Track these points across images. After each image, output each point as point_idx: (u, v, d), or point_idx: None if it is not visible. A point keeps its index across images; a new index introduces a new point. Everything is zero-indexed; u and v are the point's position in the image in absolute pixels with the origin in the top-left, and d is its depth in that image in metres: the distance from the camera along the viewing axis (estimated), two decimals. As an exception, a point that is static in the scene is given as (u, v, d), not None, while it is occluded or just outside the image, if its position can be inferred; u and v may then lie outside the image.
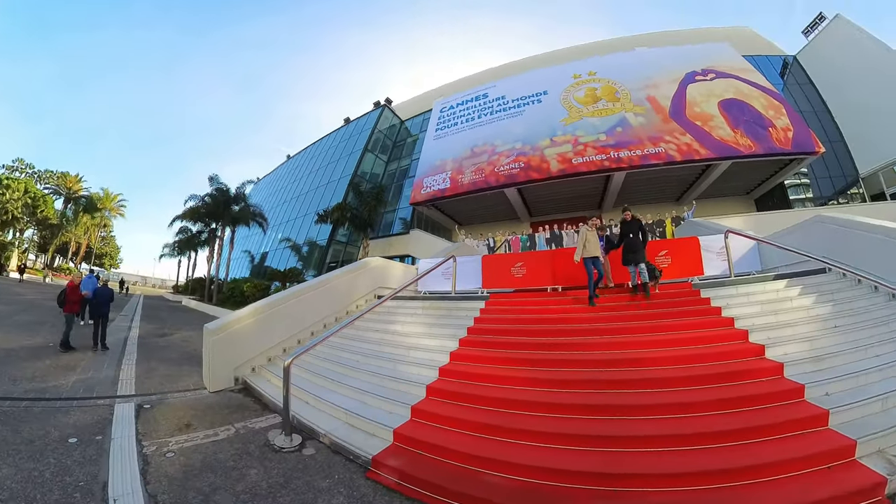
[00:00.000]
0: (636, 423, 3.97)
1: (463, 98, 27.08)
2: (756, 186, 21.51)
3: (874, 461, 3.21)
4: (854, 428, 3.53)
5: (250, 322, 7.39)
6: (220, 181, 28.27)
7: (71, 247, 56.01)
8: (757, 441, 3.56)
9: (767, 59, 26.34)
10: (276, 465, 3.94)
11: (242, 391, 6.60)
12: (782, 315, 5.86)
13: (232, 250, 30.30)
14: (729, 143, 17.63)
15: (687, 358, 4.97)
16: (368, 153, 32.13)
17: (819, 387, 4.14)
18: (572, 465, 3.49)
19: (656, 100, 20.15)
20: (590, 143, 19.31)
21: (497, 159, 21.49)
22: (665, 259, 9.14)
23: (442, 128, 26.40)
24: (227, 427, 4.90)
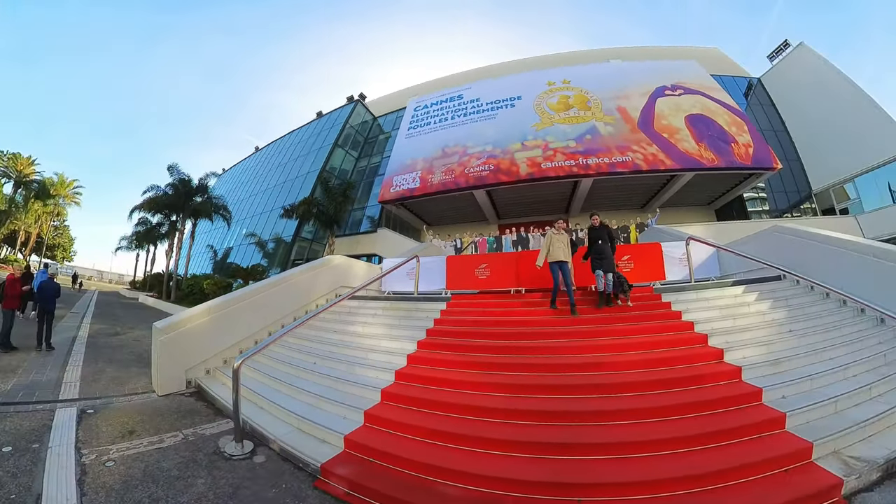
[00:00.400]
0: (595, 429, 3.82)
1: (438, 98, 26.93)
2: (717, 197, 22.49)
3: (830, 462, 3.21)
4: (810, 430, 3.52)
5: (204, 321, 6.89)
6: (181, 171, 26.68)
7: (20, 236, 50.59)
8: (717, 446, 3.48)
9: (733, 79, 27.51)
10: (224, 473, 3.66)
11: (194, 395, 6.13)
12: (740, 320, 5.87)
13: (192, 244, 28.86)
14: (693, 155, 18.23)
15: (647, 362, 4.86)
16: (339, 148, 31.41)
17: (776, 390, 4.11)
18: (530, 474, 3.30)
19: (626, 111, 20.59)
20: (559, 149, 19.55)
21: (468, 161, 21.42)
22: (628, 264, 9.17)
23: (415, 127, 26.16)
24: (174, 433, 4.56)
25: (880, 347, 5.04)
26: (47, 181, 50.20)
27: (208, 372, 6.68)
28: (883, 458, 3.19)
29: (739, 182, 20.39)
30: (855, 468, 3.10)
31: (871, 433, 3.56)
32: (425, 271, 10.65)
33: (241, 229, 33.59)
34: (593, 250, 7.25)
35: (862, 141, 20.98)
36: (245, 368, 6.03)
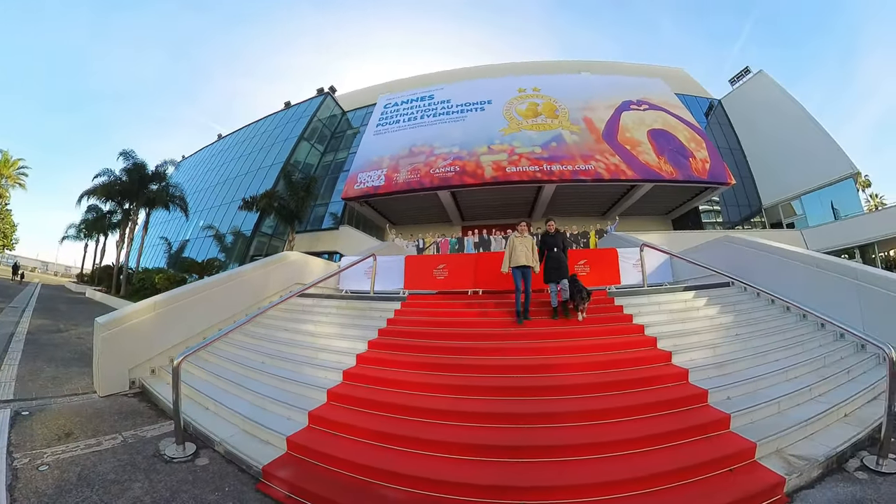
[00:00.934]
0: (543, 431, 3.72)
1: (409, 96, 26.69)
2: (674, 208, 23.49)
3: (773, 461, 3.25)
4: (754, 430, 3.55)
5: (150, 317, 6.39)
6: (136, 157, 24.65)
7: None
8: (664, 447, 3.45)
9: (696, 99, 28.93)
10: (163, 477, 3.49)
11: (138, 395, 5.71)
12: (689, 323, 5.94)
13: (146, 235, 27.03)
14: (653, 167, 18.84)
15: (597, 364, 4.82)
16: (305, 141, 30.49)
17: (721, 391, 4.12)
18: (473, 477, 3.18)
19: (592, 121, 21.04)
20: (525, 155, 19.73)
21: (434, 161, 21.27)
22: (584, 268, 9.19)
23: (384, 124, 25.81)
24: (113, 436, 4.30)
25: (821, 350, 5.20)
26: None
27: (153, 371, 6.17)
28: (823, 456, 3.25)
29: (695, 195, 21.31)
30: (796, 466, 3.14)
31: (811, 432, 3.62)
32: (383, 270, 10.42)
33: (200, 221, 31.77)
34: (547, 258, 6.80)
35: (809, 162, 22.84)
36: (192, 368, 5.79)
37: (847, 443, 3.43)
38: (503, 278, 7.76)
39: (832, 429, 3.68)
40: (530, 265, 6.58)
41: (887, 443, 3.25)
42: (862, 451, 3.44)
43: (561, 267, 6.59)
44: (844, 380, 4.54)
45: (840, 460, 3.31)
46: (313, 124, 31.49)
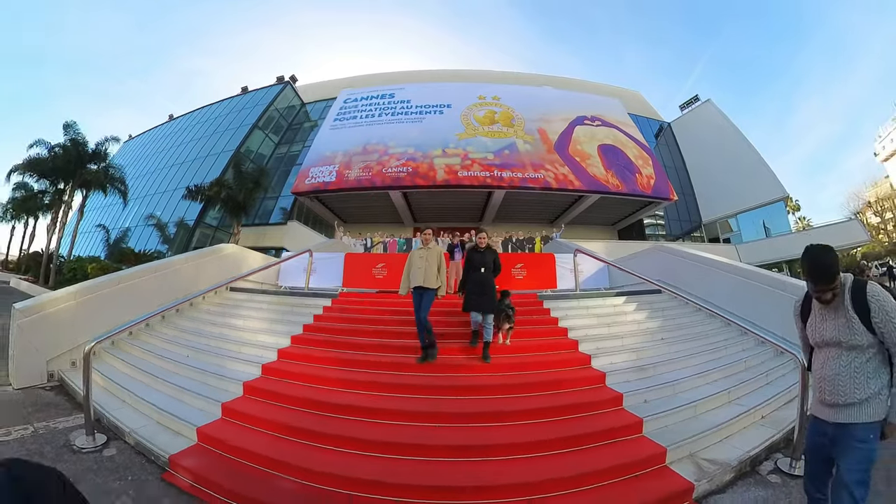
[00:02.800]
0: (452, 430, 3.56)
1: (370, 93, 26.28)
2: (620, 220, 24.65)
3: (684, 466, 3.18)
4: (667, 434, 3.49)
5: (72, 305, 5.91)
6: (78, 130, 22.17)
7: None
8: (573, 450, 3.35)
9: (648, 120, 30.64)
10: (68, 466, 3.45)
11: (56, 388, 5.38)
12: (615, 327, 5.89)
13: (81, 220, 24.65)
14: (600, 179, 19.55)
15: (516, 366, 4.73)
16: (259, 130, 29.04)
17: (638, 395, 4.05)
18: (372, 473, 3.09)
19: (546, 132, 21.51)
20: (478, 160, 19.91)
21: (387, 160, 20.97)
22: (521, 271, 9.15)
23: (341, 118, 25.26)
24: (24, 427, 4.21)
25: (742, 354, 5.30)
26: None
27: (74, 364, 5.63)
28: (736, 460, 3.20)
29: (640, 208, 22.40)
30: (707, 471, 3.08)
31: (727, 435, 3.59)
32: (322, 267, 10.19)
33: (143, 208, 29.11)
34: (471, 280, 5.38)
35: (746, 185, 24.97)
36: (113, 360, 5.46)
37: (762, 445, 3.40)
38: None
39: (748, 431, 3.67)
40: (429, 286, 5.13)
41: (800, 444, 3.18)
42: (776, 453, 3.43)
43: (485, 293, 5.17)
44: (763, 383, 4.57)
45: (754, 463, 3.26)
46: (270, 113, 30.17)
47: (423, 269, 5.20)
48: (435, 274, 5.23)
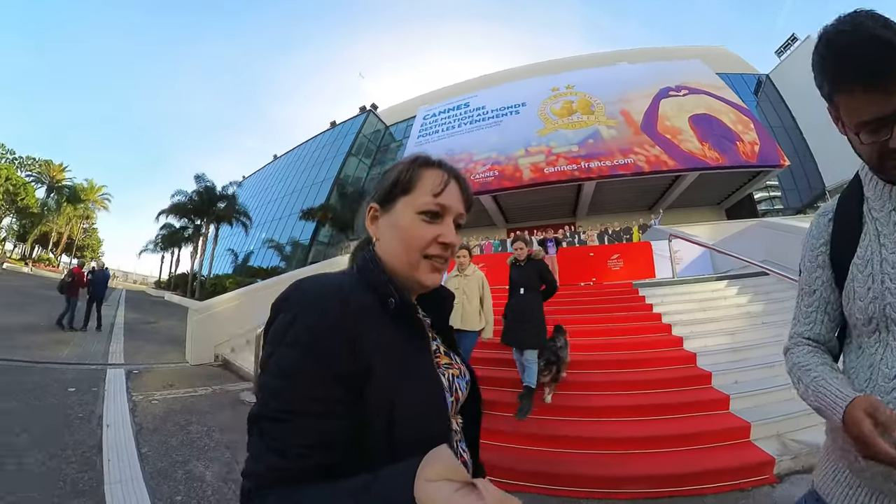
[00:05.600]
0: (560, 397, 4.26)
1: (445, 106, 27.38)
2: (726, 197, 22.10)
3: (769, 444, 3.34)
4: (754, 413, 3.67)
5: (231, 306, 8.15)
6: (207, 179, 27.82)
7: (52, 237, 53.34)
8: (657, 418, 3.78)
9: (741, 76, 27.17)
10: (244, 411, 4.43)
11: (221, 366, 7.25)
12: (712, 311, 6.06)
13: (216, 246, 29.87)
14: (696, 155, 18.18)
15: (611, 345, 5.29)
16: (352, 157, 32.32)
17: (728, 374, 4.31)
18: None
19: (629, 114, 20.63)
20: (562, 154, 19.73)
21: (473, 168, 21.74)
22: (617, 262, 9.37)
23: (424, 135, 26.69)
24: (205, 387, 5.71)
25: None
26: (78, 187, 53.38)
27: (233, 350, 7.66)
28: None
29: (748, 181, 20.09)
30: (792, 449, 3.25)
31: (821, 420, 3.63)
32: None
33: (261, 234, 34.13)
34: (509, 305, 4.48)
35: None
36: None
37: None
38: None
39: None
40: (469, 328, 4.20)
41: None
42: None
43: (525, 320, 4.17)
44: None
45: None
46: (359, 140, 33.10)
47: (461, 305, 4.17)
48: (476, 310, 4.30)
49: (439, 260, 0.75)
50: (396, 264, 0.73)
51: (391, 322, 0.68)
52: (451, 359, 0.82)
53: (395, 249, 0.74)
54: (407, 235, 0.73)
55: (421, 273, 0.73)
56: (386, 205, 0.77)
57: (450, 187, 0.76)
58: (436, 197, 0.74)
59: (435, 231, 0.73)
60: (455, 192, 0.78)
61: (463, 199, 0.79)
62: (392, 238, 0.75)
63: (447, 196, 0.75)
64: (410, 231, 0.73)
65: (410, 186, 0.75)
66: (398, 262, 0.73)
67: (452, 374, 0.77)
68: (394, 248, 0.74)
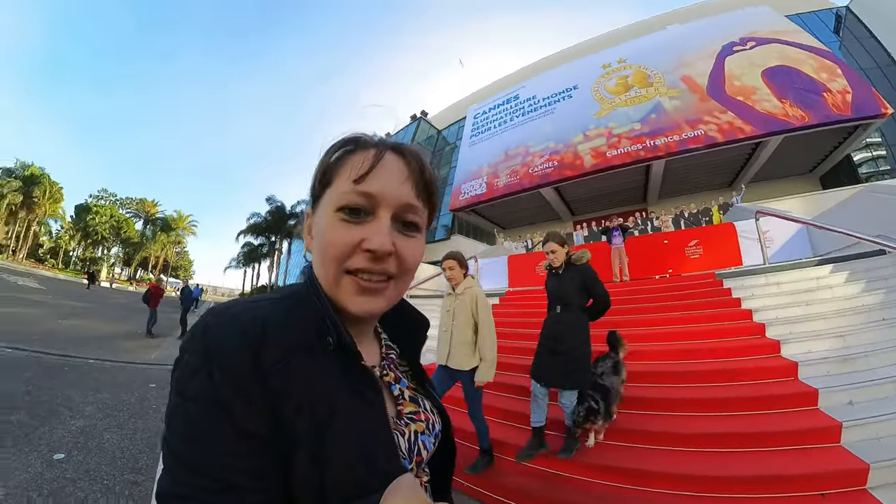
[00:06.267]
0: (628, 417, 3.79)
1: (495, 102, 27.15)
2: (818, 163, 19.38)
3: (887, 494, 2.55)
4: (876, 449, 2.86)
5: None
6: (277, 200, 30.65)
7: (151, 261, 67.59)
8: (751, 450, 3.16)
9: (816, 15, 23.48)
10: None
11: None
12: (815, 306, 5.15)
13: (289, 260, 33.70)
14: (777, 115, 16.22)
15: (690, 352, 4.66)
16: None
17: (840, 392, 3.50)
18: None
19: (692, 79, 18.99)
20: (623, 134, 18.66)
21: (531, 160, 21.33)
22: (696, 249, 8.76)
23: (476, 134, 26.63)
24: None
25: None
26: (169, 218, 68.00)
27: None
28: None
29: (842, 139, 17.28)
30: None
31: None
32: (488, 271, 11.77)
33: None
34: (544, 328, 3.54)
35: None
36: None
37: None
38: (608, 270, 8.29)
39: None
40: (459, 367, 3.27)
41: None
42: None
43: (558, 351, 3.29)
44: None
45: None
46: None
47: (449, 334, 3.35)
48: (469, 341, 3.26)
49: (368, 276, 0.56)
50: (322, 284, 0.57)
51: (333, 364, 0.53)
52: (418, 405, 0.66)
53: (316, 264, 0.58)
54: (322, 242, 0.56)
55: (343, 294, 0.56)
56: (314, 207, 0.61)
57: (383, 167, 0.57)
58: (357, 183, 0.55)
59: (357, 234, 0.55)
60: (395, 172, 0.58)
61: (412, 181, 0.58)
62: (314, 249, 0.59)
63: (377, 181, 0.56)
64: (325, 236, 0.56)
65: (332, 176, 0.58)
66: (322, 281, 0.57)
67: (416, 430, 0.62)
68: (315, 262, 0.59)
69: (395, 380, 0.66)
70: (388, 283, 0.57)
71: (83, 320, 12.74)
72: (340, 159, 0.58)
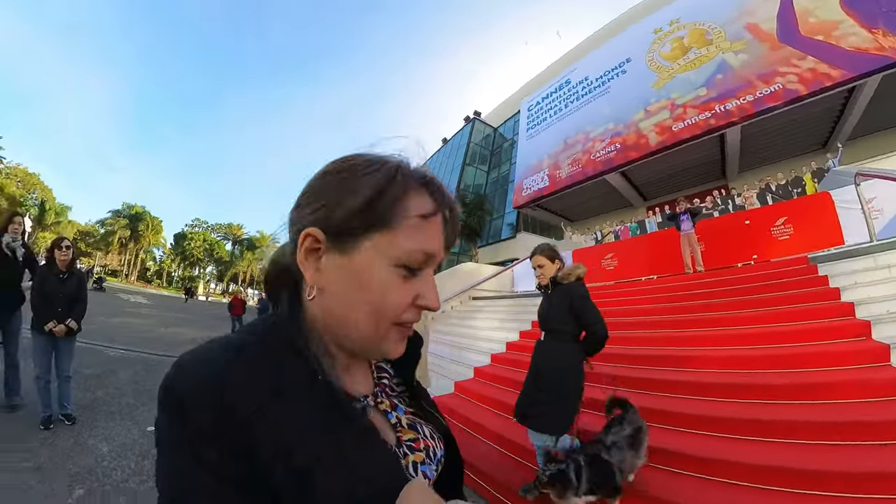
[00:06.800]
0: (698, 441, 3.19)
1: (547, 91, 26.57)
2: None
3: None
4: None
5: None
6: None
7: (240, 276, 79.12)
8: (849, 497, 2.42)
9: None
10: None
11: None
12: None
13: None
14: (869, 50, 13.80)
15: (776, 358, 3.89)
16: (468, 167, 33.91)
17: None
18: None
19: (757, 27, 16.76)
20: (688, 103, 17.20)
21: (592, 146, 20.59)
22: (785, 229, 8.01)
23: (532, 126, 26.28)
24: None
25: None
26: (253, 238, 78.05)
27: None
28: None
29: None
30: None
31: None
32: None
33: None
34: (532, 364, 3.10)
35: None
36: None
37: None
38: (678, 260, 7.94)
39: None
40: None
41: None
42: None
43: (540, 387, 2.90)
44: None
45: None
46: (471, 149, 34.41)
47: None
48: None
49: (409, 326, 0.58)
50: (352, 332, 0.55)
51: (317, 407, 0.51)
52: (417, 431, 0.63)
53: (355, 313, 0.54)
54: (379, 298, 0.53)
55: (389, 344, 0.56)
56: (341, 238, 0.54)
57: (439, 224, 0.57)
58: (429, 243, 0.55)
59: (414, 290, 0.55)
60: (441, 228, 0.58)
61: (445, 237, 0.59)
62: (350, 296, 0.54)
63: (437, 238, 0.57)
64: (386, 293, 0.54)
65: (390, 219, 0.53)
66: (356, 329, 0.55)
67: (415, 460, 0.59)
68: (351, 311, 0.54)
69: (391, 407, 0.63)
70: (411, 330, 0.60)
71: (181, 328, 15.10)
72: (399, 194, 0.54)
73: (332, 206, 0.53)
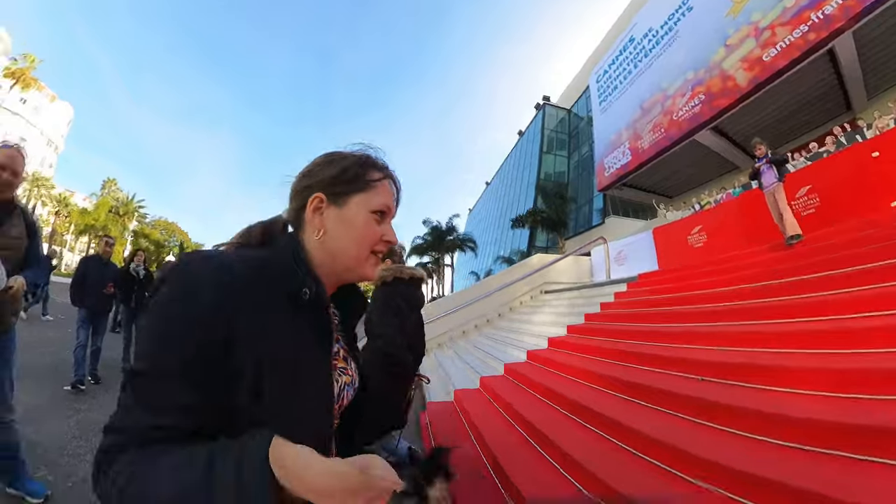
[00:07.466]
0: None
1: (612, 57, 24.03)
2: None
3: None
4: None
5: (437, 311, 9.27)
6: (431, 221, 33.04)
7: None
8: None
9: None
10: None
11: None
12: None
13: (454, 272, 36.46)
14: None
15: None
16: (546, 155, 32.64)
17: None
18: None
19: None
20: (776, 22, 13.30)
21: (672, 104, 17.74)
22: None
23: (604, 98, 24.02)
24: None
25: None
26: None
27: (440, 346, 9.06)
28: None
29: None
30: None
31: None
32: (632, 253, 10.27)
33: (495, 252, 37.32)
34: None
35: None
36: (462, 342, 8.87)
37: None
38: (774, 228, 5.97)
39: None
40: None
41: None
42: None
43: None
44: None
45: None
46: (547, 136, 32.91)
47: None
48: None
49: (379, 256, 0.83)
50: (341, 259, 0.79)
51: (292, 316, 0.69)
52: (346, 363, 0.86)
53: (346, 245, 0.78)
54: (361, 234, 0.79)
55: (368, 267, 0.81)
56: (336, 199, 0.79)
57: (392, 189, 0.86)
58: (386, 199, 0.82)
59: (382, 231, 0.82)
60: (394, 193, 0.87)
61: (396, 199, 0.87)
62: (343, 234, 0.78)
63: (390, 197, 0.84)
64: (365, 229, 0.79)
65: (365, 185, 0.80)
66: (345, 257, 0.79)
67: (345, 381, 0.82)
68: (343, 244, 0.78)
69: (335, 340, 0.83)
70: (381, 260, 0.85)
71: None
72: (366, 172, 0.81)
73: (325, 178, 0.79)
